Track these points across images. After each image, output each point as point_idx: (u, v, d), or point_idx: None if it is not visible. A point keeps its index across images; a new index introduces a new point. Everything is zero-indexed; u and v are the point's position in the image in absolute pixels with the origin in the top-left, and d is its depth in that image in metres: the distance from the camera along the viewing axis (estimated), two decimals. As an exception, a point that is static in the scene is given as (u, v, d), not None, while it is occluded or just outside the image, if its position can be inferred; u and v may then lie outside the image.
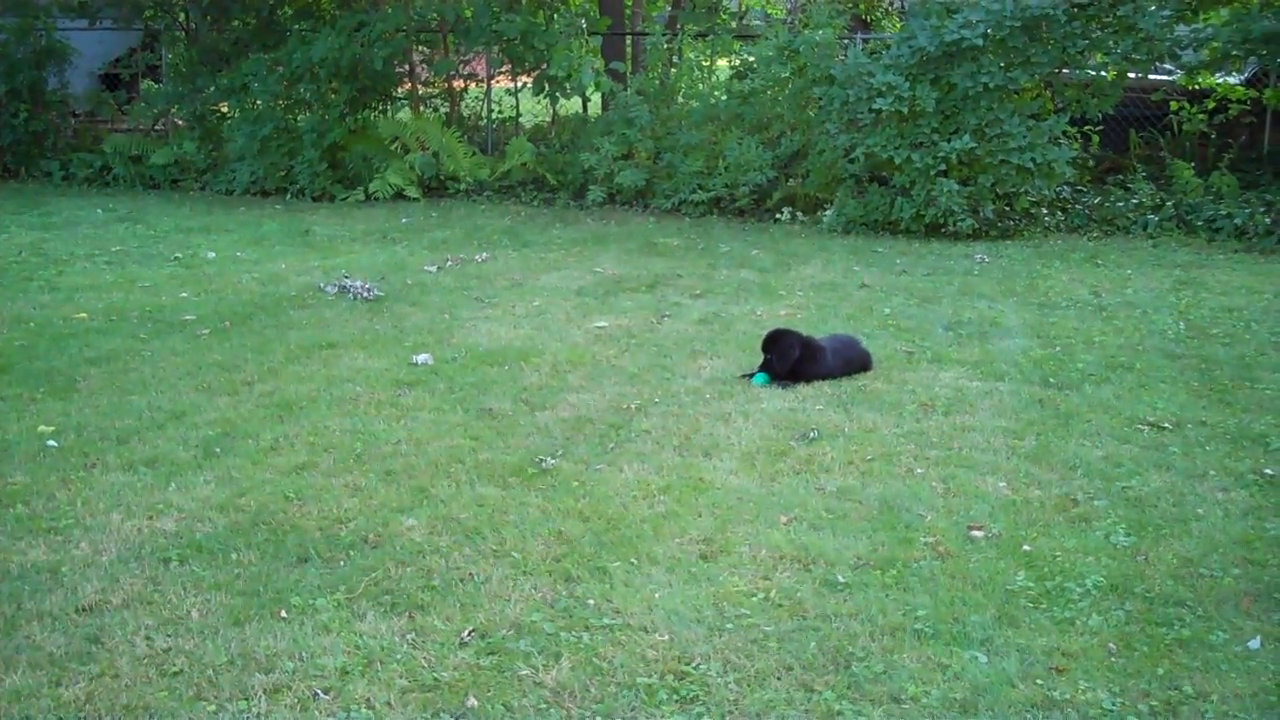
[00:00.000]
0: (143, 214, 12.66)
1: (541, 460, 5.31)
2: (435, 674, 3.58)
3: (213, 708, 3.42)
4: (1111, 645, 3.75)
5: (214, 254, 10.40)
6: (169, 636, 3.78)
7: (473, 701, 3.45)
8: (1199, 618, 3.93)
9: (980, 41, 10.88)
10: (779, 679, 3.57)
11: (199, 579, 4.17)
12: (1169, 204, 11.59)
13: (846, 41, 12.88)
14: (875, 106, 11.10)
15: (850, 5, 14.57)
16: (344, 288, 8.84)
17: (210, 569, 4.25)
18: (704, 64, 14.10)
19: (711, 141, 13.00)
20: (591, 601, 4.02)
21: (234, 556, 4.35)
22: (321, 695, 3.48)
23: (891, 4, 16.14)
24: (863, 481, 5.10)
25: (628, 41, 16.16)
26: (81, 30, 15.89)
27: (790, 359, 6.48)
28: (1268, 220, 10.93)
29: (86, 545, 4.44)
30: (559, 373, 6.74)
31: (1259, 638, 3.79)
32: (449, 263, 10.08)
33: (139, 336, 7.51)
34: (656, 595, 4.06)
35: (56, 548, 4.43)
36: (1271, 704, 3.47)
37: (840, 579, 4.18)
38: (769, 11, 20.24)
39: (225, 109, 15.35)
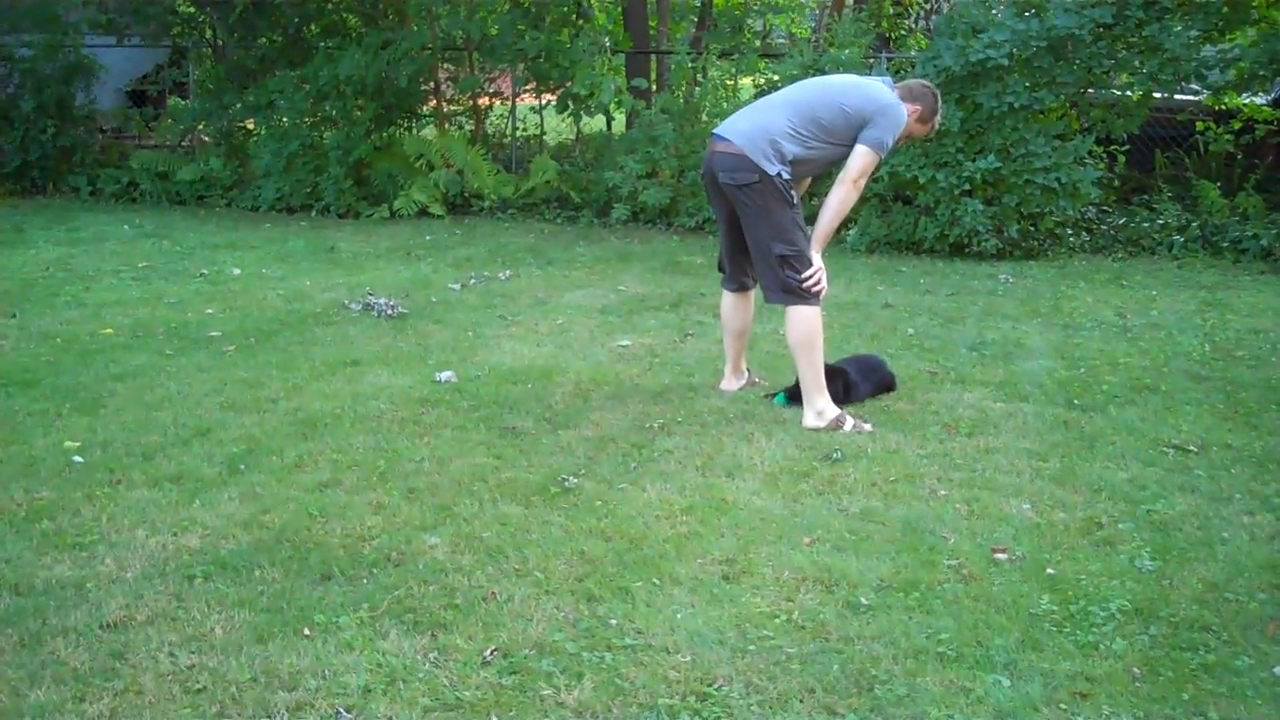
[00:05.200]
0: (169, 230, 12.74)
1: (564, 479, 5.32)
2: (458, 693, 3.57)
3: (236, 725, 3.44)
4: (1136, 670, 3.73)
5: (240, 270, 10.46)
6: (193, 653, 3.79)
7: (495, 721, 3.46)
8: (1224, 643, 3.90)
9: (1006, 61, 10.88)
10: (801, 701, 3.55)
11: (223, 596, 4.18)
12: (1194, 225, 11.53)
13: (871, 61, 12.87)
14: (899, 126, 11.09)
15: (875, 25, 14.54)
16: (368, 305, 8.87)
17: (234, 586, 4.27)
18: (728, 83, 14.10)
19: (736, 160, 12.96)
20: (614, 621, 4.01)
21: (258, 573, 4.37)
22: (344, 713, 3.47)
23: (916, 23, 16.15)
24: (886, 503, 5.09)
25: (652, 60, 16.19)
26: (109, 47, 16.01)
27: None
28: (1294, 241, 10.88)
29: (111, 561, 4.46)
30: (582, 391, 6.75)
31: (1285, 664, 3.77)
32: (473, 280, 10.11)
33: (165, 353, 7.56)
34: (679, 616, 4.05)
35: (82, 564, 4.45)
36: (1298, 731, 3.45)
37: (863, 601, 4.17)
38: (793, 31, 20.28)
39: (251, 126, 15.43)
